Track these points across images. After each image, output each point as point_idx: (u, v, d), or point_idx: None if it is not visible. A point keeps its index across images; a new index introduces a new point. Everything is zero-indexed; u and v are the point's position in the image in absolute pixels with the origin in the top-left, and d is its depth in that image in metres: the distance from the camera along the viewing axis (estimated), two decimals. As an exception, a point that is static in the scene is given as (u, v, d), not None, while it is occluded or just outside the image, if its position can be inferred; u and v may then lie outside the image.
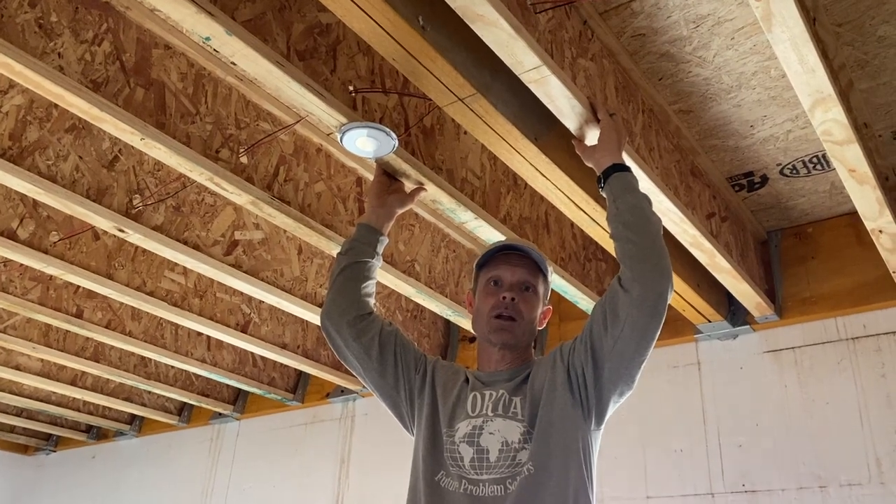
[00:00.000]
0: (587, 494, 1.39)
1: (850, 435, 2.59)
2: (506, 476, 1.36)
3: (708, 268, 2.54)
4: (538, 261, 1.60)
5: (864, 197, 2.11)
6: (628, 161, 1.97)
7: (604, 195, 1.62)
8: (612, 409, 1.45)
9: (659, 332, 1.41)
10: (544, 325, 1.63)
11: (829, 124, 1.81)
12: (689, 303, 2.76)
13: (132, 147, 2.19)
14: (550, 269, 1.64)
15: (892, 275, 2.52)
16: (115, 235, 2.47)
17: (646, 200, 1.56)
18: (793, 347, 2.83)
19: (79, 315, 3.07)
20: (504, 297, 1.52)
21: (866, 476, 2.51)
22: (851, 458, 2.56)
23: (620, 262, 1.46)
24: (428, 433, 1.52)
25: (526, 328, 1.54)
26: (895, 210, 2.18)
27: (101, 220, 2.20)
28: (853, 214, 2.57)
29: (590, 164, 1.76)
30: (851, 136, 1.85)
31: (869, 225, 2.26)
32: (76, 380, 4.22)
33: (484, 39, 1.52)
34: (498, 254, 1.61)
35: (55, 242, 2.48)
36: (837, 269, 2.80)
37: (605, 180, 1.61)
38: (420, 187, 1.92)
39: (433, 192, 2.10)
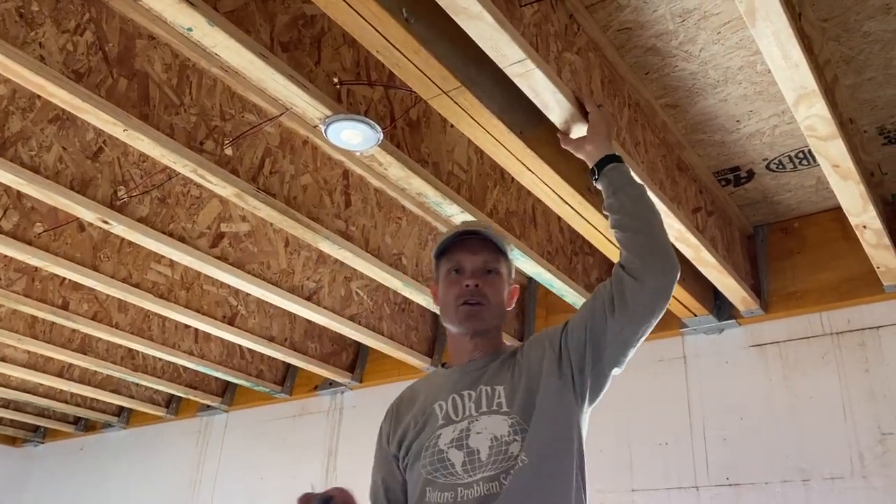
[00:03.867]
0: (583, 479, 1.40)
1: (833, 429, 2.61)
2: (499, 471, 1.34)
3: (693, 262, 2.55)
4: (497, 242, 1.55)
5: (848, 192, 2.12)
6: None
7: (598, 186, 1.61)
8: (604, 391, 1.47)
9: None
10: (513, 306, 1.59)
11: (813, 119, 1.82)
12: (674, 297, 2.76)
13: (117, 138, 2.17)
14: (510, 247, 1.61)
15: (876, 270, 2.54)
16: (100, 227, 2.45)
17: (645, 190, 1.56)
18: (778, 342, 2.84)
19: (64, 307, 3.05)
20: (467, 285, 1.49)
21: (849, 470, 2.53)
22: (834, 452, 2.58)
23: (628, 252, 1.44)
24: (408, 474, 1.51)
25: (495, 311, 1.51)
26: (879, 205, 2.19)
27: (85, 212, 2.18)
28: (839, 209, 2.57)
29: (580, 156, 1.74)
30: (835, 131, 1.85)
31: (853, 220, 2.28)
32: (63, 371, 4.21)
33: (468, 32, 1.52)
34: (455, 241, 1.55)
35: (39, 234, 2.46)
36: (823, 264, 2.82)
37: (600, 171, 1.59)
38: None
39: (419, 186, 2.09)
